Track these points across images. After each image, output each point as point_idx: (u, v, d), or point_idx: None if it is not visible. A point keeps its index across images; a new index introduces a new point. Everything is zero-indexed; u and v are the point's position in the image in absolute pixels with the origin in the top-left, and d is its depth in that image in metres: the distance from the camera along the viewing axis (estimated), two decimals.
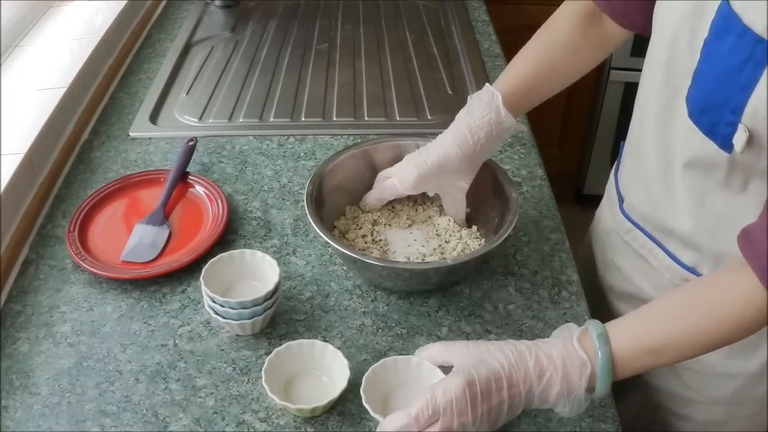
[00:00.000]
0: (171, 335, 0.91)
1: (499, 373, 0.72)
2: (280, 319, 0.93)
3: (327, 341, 0.85)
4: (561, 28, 0.97)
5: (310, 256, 1.02)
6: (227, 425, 0.81)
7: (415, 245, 1.00)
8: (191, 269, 0.98)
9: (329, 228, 0.99)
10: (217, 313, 0.87)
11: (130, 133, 1.27)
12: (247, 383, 0.85)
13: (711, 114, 0.75)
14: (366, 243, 0.99)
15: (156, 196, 1.10)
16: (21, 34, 1.39)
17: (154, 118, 1.32)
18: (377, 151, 1.05)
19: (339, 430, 0.80)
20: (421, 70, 1.48)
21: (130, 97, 1.37)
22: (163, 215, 1.07)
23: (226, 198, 1.09)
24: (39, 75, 1.28)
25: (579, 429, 0.81)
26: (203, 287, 0.88)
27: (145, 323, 0.92)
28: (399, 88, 1.41)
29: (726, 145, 0.75)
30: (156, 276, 0.97)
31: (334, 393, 0.79)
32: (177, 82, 1.43)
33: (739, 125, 0.72)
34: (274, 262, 0.91)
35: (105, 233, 1.05)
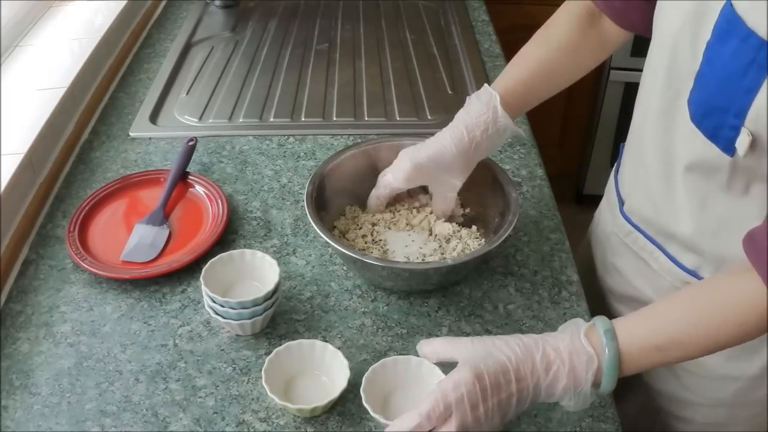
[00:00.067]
0: (171, 335, 0.91)
1: (507, 367, 0.72)
2: (280, 319, 0.93)
3: (327, 341, 0.86)
4: (560, 28, 0.97)
5: (310, 256, 1.02)
6: (227, 425, 0.81)
7: (415, 245, 1.00)
8: (191, 269, 0.98)
9: (329, 228, 0.99)
10: (217, 313, 0.87)
11: (130, 133, 1.27)
12: (247, 383, 0.85)
13: (714, 117, 0.75)
14: (366, 243, 0.99)
15: (156, 196, 1.10)
16: (21, 34, 1.39)
17: (154, 118, 1.32)
18: (377, 151, 1.05)
19: (339, 430, 0.80)
20: (421, 70, 1.47)
21: (130, 97, 1.37)
22: (163, 215, 1.07)
23: (226, 198, 1.09)
24: (39, 75, 1.27)
25: (579, 429, 0.81)
26: (203, 287, 0.88)
27: (145, 323, 0.92)
28: (399, 88, 1.41)
29: (728, 149, 0.75)
30: (156, 276, 0.97)
31: (334, 393, 0.79)
32: (177, 82, 1.43)
33: (742, 129, 0.72)
34: (274, 262, 0.91)
35: (105, 233, 1.05)
